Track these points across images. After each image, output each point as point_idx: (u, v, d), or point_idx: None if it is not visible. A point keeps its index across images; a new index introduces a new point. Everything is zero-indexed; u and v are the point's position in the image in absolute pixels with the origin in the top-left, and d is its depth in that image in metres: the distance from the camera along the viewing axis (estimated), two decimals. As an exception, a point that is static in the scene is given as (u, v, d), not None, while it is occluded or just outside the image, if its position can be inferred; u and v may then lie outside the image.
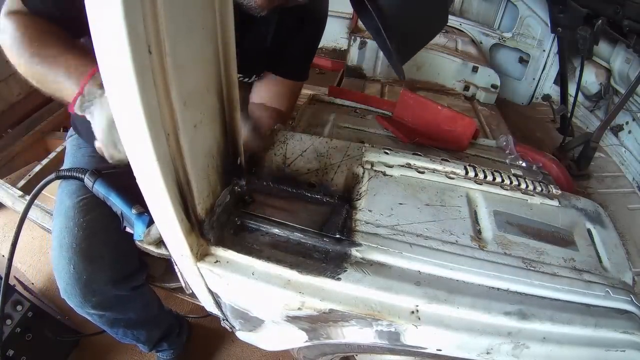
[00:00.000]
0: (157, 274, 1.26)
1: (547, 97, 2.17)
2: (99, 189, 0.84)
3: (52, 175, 0.86)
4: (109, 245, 0.99)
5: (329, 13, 1.25)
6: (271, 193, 0.88)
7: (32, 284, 1.74)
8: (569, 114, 1.82)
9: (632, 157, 1.66)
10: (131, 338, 1.23)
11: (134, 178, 0.60)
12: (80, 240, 0.97)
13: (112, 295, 1.03)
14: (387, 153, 0.99)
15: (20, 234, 0.97)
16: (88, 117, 0.71)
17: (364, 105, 1.52)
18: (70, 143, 1.18)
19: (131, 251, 1.06)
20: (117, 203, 0.83)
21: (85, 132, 1.10)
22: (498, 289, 0.76)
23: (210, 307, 0.96)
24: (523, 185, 0.98)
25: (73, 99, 0.69)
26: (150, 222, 0.78)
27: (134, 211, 0.81)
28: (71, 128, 1.22)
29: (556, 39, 2.06)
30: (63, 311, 1.54)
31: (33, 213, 1.38)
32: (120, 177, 1.00)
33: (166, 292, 1.33)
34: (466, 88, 2.17)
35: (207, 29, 0.62)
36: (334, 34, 2.95)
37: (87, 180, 0.84)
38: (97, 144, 0.73)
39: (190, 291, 0.87)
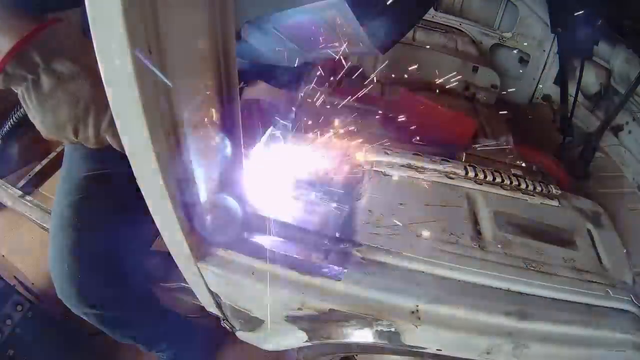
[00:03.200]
0: (156, 274, 1.26)
1: (547, 97, 2.17)
2: None
3: None
4: (103, 245, 0.99)
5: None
6: (271, 193, 0.88)
7: (32, 284, 1.74)
8: (569, 114, 1.82)
9: (632, 157, 1.66)
10: (129, 338, 1.22)
11: (125, 181, 0.55)
12: (74, 240, 0.97)
13: (107, 295, 1.03)
14: (387, 153, 0.99)
15: (20, 233, 0.98)
16: (19, 95, 0.53)
17: (364, 105, 1.52)
18: (68, 145, 1.18)
19: (126, 251, 1.06)
20: None
21: None
22: (498, 289, 0.76)
23: (210, 307, 0.96)
24: (523, 186, 0.98)
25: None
26: None
27: None
28: None
29: (556, 39, 2.06)
30: (63, 311, 1.54)
31: (33, 213, 1.38)
32: (111, 180, 1.00)
33: (166, 292, 1.32)
34: (466, 88, 2.16)
35: (207, 28, 0.62)
36: (334, 34, 2.94)
37: None
38: (43, 134, 0.58)
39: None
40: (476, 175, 0.97)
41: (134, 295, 1.12)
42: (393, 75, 2.26)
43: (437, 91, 2.14)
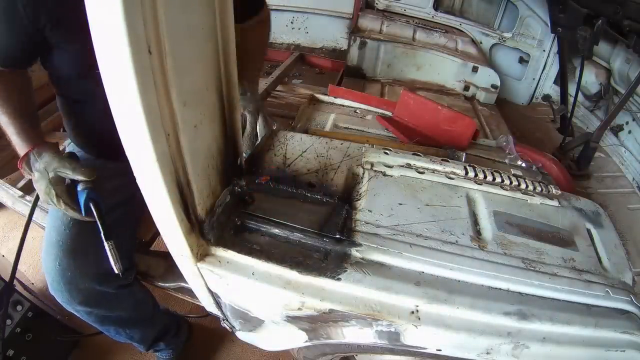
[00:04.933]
0: (156, 274, 1.26)
1: (547, 97, 2.17)
2: None
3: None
4: (94, 243, 0.99)
5: (329, 13, 1.24)
6: (271, 193, 0.88)
7: (32, 284, 1.74)
8: (569, 114, 1.82)
9: (632, 157, 1.66)
10: (124, 337, 1.22)
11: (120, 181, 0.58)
12: (66, 238, 0.99)
13: (97, 292, 1.03)
14: (387, 153, 0.99)
15: (19, 233, 1.02)
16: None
17: (364, 105, 1.52)
18: (69, 148, 1.19)
19: (118, 249, 1.07)
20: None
21: (75, 137, 1.15)
22: (498, 289, 0.76)
23: (210, 307, 0.96)
24: (523, 186, 0.98)
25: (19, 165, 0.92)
26: (88, 197, 0.88)
27: (80, 187, 0.90)
28: None
29: (556, 39, 2.06)
30: (63, 311, 1.54)
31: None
32: (106, 180, 1.02)
33: (166, 292, 1.32)
34: (466, 88, 2.17)
35: (206, 28, 0.62)
36: (334, 34, 2.94)
37: None
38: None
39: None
40: (476, 175, 0.97)
41: (125, 294, 1.12)
42: (393, 75, 2.27)
43: (437, 91, 2.14)
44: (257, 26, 1.21)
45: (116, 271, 0.91)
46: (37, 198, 1.03)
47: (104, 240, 0.89)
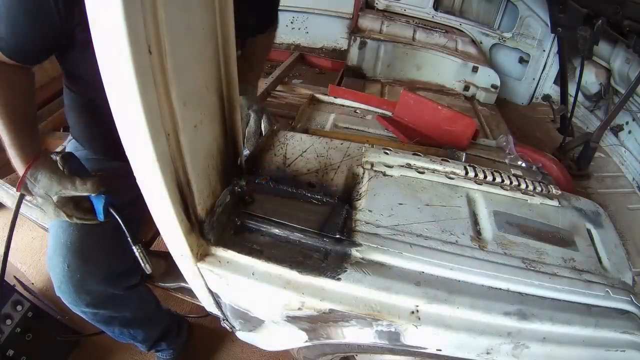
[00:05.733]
0: (156, 274, 1.26)
1: (547, 97, 2.17)
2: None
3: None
4: (103, 245, 1.00)
5: (329, 13, 1.25)
6: (271, 193, 0.88)
7: (32, 284, 1.74)
8: (569, 114, 1.82)
9: (632, 157, 1.66)
10: (128, 337, 1.23)
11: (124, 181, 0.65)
12: (75, 239, 0.98)
13: (105, 294, 1.03)
14: (387, 153, 0.99)
15: (19, 233, 1.01)
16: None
17: (364, 105, 1.52)
18: (70, 147, 1.19)
19: (125, 250, 1.06)
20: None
21: (82, 138, 1.13)
22: (498, 289, 0.76)
23: (210, 307, 0.96)
24: (523, 186, 0.98)
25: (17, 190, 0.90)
26: (107, 202, 0.86)
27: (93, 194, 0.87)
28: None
29: (556, 39, 2.06)
30: (63, 311, 1.54)
31: (33, 213, 1.38)
32: (110, 181, 1.02)
33: (166, 292, 1.32)
34: (466, 88, 2.17)
35: (207, 28, 0.62)
36: (334, 34, 2.94)
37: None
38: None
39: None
40: (476, 175, 0.97)
41: (132, 295, 1.12)
42: (393, 75, 2.27)
43: (437, 91, 2.14)
44: (267, 35, 1.29)
45: (147, 272, 0.90)
46: (22, 195, 0.99)
47: (132, 245, 0.87)
